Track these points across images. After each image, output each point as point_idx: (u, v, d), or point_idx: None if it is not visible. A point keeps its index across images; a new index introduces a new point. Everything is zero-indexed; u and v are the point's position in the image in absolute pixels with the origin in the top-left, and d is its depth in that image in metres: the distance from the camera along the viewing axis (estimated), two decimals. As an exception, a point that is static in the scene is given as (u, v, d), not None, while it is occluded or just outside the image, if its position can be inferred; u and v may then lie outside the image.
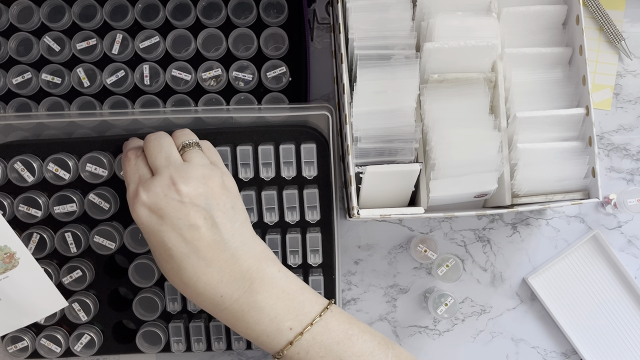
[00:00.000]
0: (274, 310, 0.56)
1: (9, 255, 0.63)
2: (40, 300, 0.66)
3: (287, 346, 0.55)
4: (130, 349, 0.71)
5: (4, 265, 0.63)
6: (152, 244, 0.57)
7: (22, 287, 0.64)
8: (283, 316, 0.56)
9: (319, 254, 0.70)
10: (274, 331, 0.56)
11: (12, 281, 0.64)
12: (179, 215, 0.55)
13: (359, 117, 0.63)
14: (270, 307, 0.56)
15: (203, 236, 0.55)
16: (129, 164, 0.59)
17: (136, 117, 0.70)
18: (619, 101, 0.79)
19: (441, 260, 0.74)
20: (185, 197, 0.55)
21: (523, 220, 0.78)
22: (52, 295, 0.66)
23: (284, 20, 0.71)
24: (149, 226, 0.55)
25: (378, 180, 0.64)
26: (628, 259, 0.78)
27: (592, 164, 0.63)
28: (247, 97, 0.72)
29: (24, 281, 0.64)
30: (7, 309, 0.64)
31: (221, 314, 0.57)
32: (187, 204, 0.55)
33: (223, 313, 0.57)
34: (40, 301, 0.66)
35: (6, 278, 0.63)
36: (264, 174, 0.68)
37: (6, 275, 0.63)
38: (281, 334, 0.56)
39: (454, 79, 0.65)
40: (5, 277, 0.63)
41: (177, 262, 0.55)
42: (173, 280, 0.57)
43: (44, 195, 0.68)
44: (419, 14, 0.65)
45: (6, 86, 0.71)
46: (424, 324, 0.78)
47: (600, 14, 0.77)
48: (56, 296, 0.66)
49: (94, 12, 0.71)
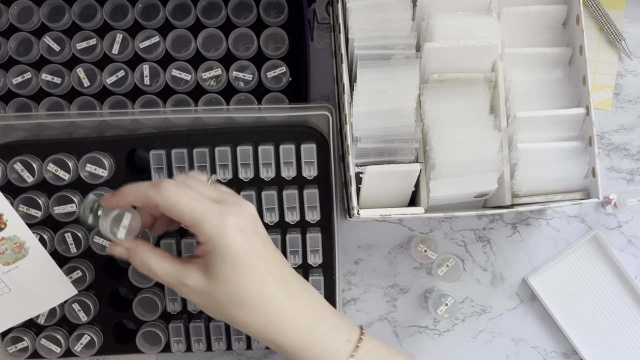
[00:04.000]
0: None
1: (19, 245, 0.63)
2: (50, 289, 0.66)
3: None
4: (131, 349, 0.71)
5: (14, 255, 0.63)
6: (247, 264, 0.53)
7: (32, 277, 0.64)
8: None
9: (319, 254, 0.70)
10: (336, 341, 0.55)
11: (23, 271, 0.64)
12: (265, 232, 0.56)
13: (359, 117, 0.63)
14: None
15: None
16: (176, 187, 0.53)
17: (136, 117, 0.70)
18: (619, 101, 0.79)
19: (441, 260, 0.74)
20: (250, 218, 0.55)
21: (523, 220, 0.78)
22: (63, 283, 0.66)
23: (284, 20, 0.71)
24: (244, 245, 0.53)
25: (378, 180, 0.64)
26: (628, 259, 0.78)
27: (592, 164, 0.63)
28: (247, 97, 0.72)
29: (34, 270, 0.64)
30: (18, 298, 0.65)
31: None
32: (256, 230, 0.55)
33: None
34: (51, 290, 0.66)
35: (16, 268, 0.64)
36: (264, 174, 0.68)
37: (16, 265, 0.64)
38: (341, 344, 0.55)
39: (454, 79, 0.65)
40: (15, 267, 0.64)
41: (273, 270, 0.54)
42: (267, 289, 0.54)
43: (43, 195, 0.68)
44: (419, 14, 0.65)
45: (6, 86, 0.71)
46: (424, 324, 0.78)
47: (601, 14, 0.77)
48: (66, 284, 0.66)
49: (94, 12, 0.71)
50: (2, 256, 0.63)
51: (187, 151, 0.67)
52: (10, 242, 0.63)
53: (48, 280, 0.65)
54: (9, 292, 0.64)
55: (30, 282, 0.65)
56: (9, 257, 0.63)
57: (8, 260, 0.63)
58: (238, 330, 0.70)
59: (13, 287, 0.64)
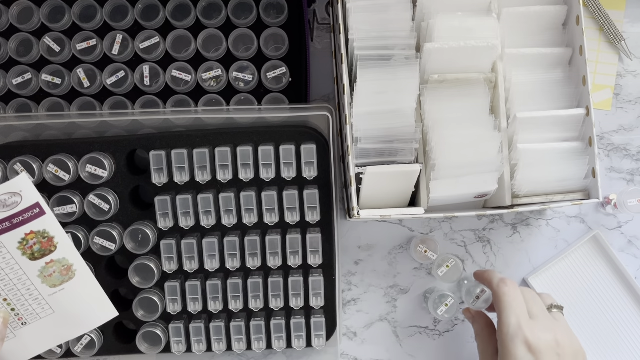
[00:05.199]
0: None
1: (67, 267, 0.63)
2: (92, 312, 0.66)
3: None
4: (131, 349, 0.71)
5: (61, 278, 0.63)
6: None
7: (76, 299, 0.65)
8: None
9: (319, 254, 0.70)
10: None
11: (68, 293, 0.64)
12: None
13: (359, 118, 0.63)
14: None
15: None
16: (515, 292, 0.63)
17: (136, 117, 0.70)
18: (619, 101, 0.79)
19: (441, 260, 0.74)
20: (561, 349, 0.60)
21: (523, 221, 0.78)
22: (104, 305, 0.66)
23: (284, 20, 0.71)
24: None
25: (378, 181, 0.64)
26: (628, 259, 0.78)
27: (593, 165, 0.63)
28: (247, 98, 0.72)
29: (78, 293, 0.64)
30: (60, 320, 0.65)
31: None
32: (562, 356, 0.60)
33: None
34: (93, 312, 0.66)
35: (62, 290, 0.64)
36: (264, 175, 0.68)
37: (62, 288, 0.64)
38: None
39: (454, 80, 0.65)
40: (61, 290, 0.64)
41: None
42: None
43: (44, 196, 0.68)
44: (419, 14, 0.65)
45: (6, 87, 0.71)
46: (424, 324, 0.78)
47: (601, 14, 0.77)
48: (108, 306, 0.66)
49: (94, 13, 0.71)
50: (50, 278, 0.63)
51: (187, 152, 0.67)
52: (58, 265, 0.63)
53: (91, 303, 0.66)
54: (52, 313, 0.64)
55: (74, 305, 0.65)
56: (56, 280, 0.63)
57: (55, 282, 0.63)
58: (238, 331, 0.70)
59: (57, 309, 0.64)
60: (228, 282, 0.70)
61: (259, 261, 0.69)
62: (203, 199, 0.67)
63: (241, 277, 0.70)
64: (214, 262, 0.69)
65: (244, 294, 0.70)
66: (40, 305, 0.64)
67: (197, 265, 0.69)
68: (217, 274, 0.71)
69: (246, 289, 0.70)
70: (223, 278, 0.70)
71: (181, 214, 0.68)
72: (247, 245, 0.69)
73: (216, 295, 0.70)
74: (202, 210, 0.68)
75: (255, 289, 0.70)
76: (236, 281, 0.70)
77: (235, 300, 0.70)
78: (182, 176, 0.67)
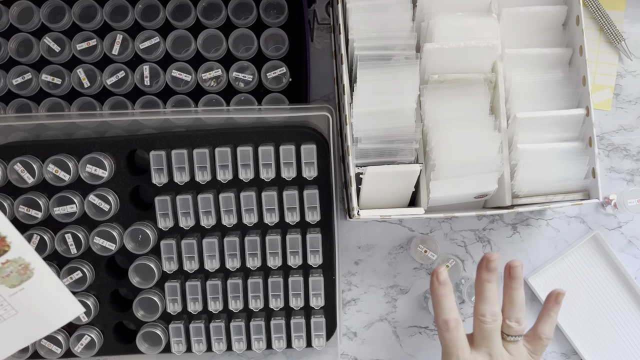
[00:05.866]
0: None
1: (24, 266, 0.63)
2: (57, 310, 0.65)
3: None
4: (131, 349, 0.71)
5: (19, 277, 0.63)
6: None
7: (38, 298, 0.64)
8: None
9: (319, 254, 0.70)
10: None
11: (29, 292, 0.63)
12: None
13: (359, 118, 0.63)
14: None
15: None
16: (456, 335, 0.63)
17: (136, 117, 0.70)
18: (619, 101, 0.79)
19: (441, 260, 0.74)
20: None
21: (523, 221, 0.78)
22: (69, 302, 0.65)
23: (284, 20, 0.71)
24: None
25: (378, 181, 0.64)
26: (628, 259, 0.78)
27: (592, 165, 0.63)
28: (247, 98, 0.72)
29: (39, 291, 0.64)
30: (25, 320, 0.64)
31: None
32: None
33: None
34: (57, 310, 0.65)
35: (22, 290, 0.63)
36: (264, 175, 0.68)
37: (22, 287, 0.63)
38: None
39: (454, 80, 0.65)
40: (21, 289, 0.63)
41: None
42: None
43: (44, 196, 0.68)
44: (419, 14, 0.65)
45: (6, 87, 0.71)
46: (424, 324, 0.78)
47: (600, 14, 0.77)
48: (72, 303, 0.65)
49: (94, 13, 0.71)
50: (7, 279, 0.62)
51: (187, 152, 0.67)
52: (15, 264, 0.62)
53: (55, 300, 0.65)
54: (15, 314, 0.64)
55: (37, 303, 0.64)
56: (15, 280, 0.63)
57: (14, 282, 0.63)
58: (238, 331, 0.70)
59: (20, 309, 0.63)
60: (228, 282, 0.70)
61: (259, 261, 0.69)
62: (203, 199, 0.67)
63: (241, 277, 0.70)
64: (214, 262, 0.69)
65: (244, 294, 0.70)
66: (2, 306, 0.63)
67: (197, 265, 0.69)
68: (217, 274, 0.71)
69: (246, 289, 0.70)
70: (223, 278, 0.71)
71: (181, 214, 0.68)
72: (247, 245, 0.69)
73: (216, 295, 0.70)
74: (202, 210, 0.68)
75: (255, 289, 0.70)
76: (236, 281, 0.70)
77: (235, 300, 0.70)
78: (182, 176, 0.67)
